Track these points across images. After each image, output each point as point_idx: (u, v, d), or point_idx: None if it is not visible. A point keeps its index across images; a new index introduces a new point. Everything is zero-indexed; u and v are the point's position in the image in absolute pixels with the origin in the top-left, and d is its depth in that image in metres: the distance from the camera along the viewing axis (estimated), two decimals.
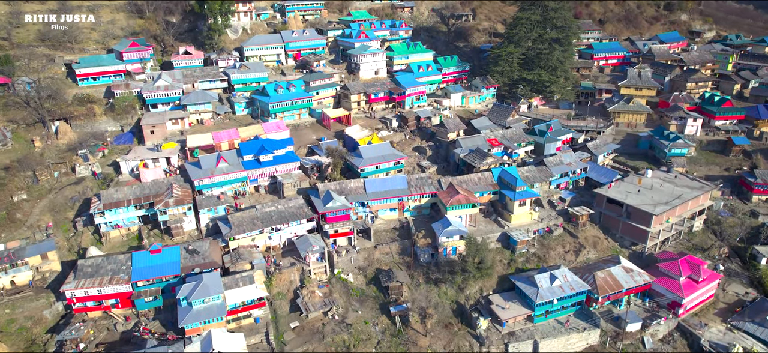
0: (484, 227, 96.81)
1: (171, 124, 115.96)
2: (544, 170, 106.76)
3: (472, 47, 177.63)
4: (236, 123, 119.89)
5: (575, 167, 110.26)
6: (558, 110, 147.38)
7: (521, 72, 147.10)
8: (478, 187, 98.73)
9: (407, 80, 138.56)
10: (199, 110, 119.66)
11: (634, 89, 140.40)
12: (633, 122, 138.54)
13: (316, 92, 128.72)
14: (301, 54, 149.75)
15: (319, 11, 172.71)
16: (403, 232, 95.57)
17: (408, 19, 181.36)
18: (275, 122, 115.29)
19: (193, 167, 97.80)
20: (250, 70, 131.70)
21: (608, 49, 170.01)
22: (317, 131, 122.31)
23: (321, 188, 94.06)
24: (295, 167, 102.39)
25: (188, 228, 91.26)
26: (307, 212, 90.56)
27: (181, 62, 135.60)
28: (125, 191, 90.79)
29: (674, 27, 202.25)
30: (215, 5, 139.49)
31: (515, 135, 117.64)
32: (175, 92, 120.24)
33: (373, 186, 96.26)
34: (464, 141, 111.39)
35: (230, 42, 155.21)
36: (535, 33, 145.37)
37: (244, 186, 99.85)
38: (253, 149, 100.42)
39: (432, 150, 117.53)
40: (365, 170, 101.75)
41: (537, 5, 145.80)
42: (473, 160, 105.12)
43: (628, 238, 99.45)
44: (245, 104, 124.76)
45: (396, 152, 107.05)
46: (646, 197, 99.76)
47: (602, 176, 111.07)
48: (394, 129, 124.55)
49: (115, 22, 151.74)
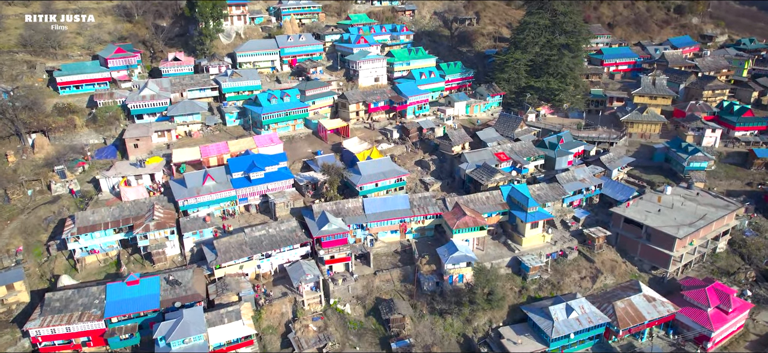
0: (493, 251, 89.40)
1: (157, 136, 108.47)
2: (556, 187, 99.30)
3: (476, 52, 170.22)
4: (227, 135, 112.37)
5: (589, 183, 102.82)
6: (567, 119, 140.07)
7: (528, 79, 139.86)
8: (486, 207, 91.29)
9: (409, 88, 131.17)
10: (187, 122, 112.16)
11: (648, 97, 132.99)
12: (647, 133, 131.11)
13: (312, 101, 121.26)
14: (297, 60, 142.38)
15: (316, 15, 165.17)
16: (405, 257, 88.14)
17: (409, 23, 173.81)
18: (268, 135, 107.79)
19: (178, 186, 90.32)
20: (242, 77, 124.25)
21: (619, 54, 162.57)
22: (313, 143, 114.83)
23: (315, 210, 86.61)
24: (289, 185, 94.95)
25: (171, 253, 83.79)
26: (300, 237, 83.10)
27: (170, 69, 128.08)
28: (102, 213, 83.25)
29: (685, 31, 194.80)
30: (206, 9, 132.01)
31: (524, 148, 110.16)
32: (162, 102, 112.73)
33: (373, 207, 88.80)
34: (470, 155, 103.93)
35: (223, 47, 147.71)
36: (543, 38, 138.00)
37: (233, 206, 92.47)
38: (243, 165, 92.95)
39: (435, 164, 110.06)
40: (364, 188, 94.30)
41: (545, 9, 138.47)
42: (480, 176, 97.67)
43: (648, 262, 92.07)
44: (237, 115, 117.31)
45: (397, 167, 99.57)
46: (668, 218, 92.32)
47: (618, 192, 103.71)
48: (395, 141, 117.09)
49: (102, 26, 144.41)
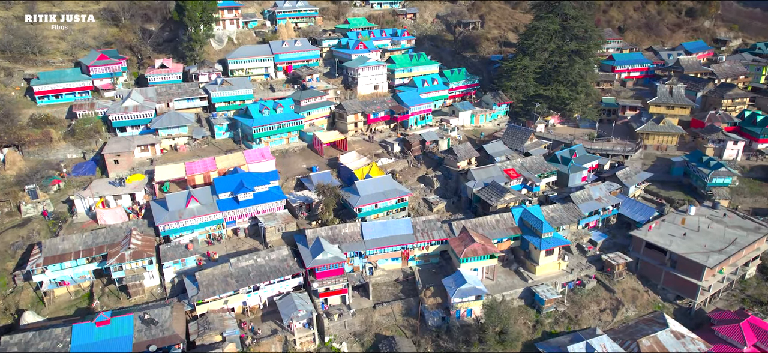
0: (504, 280, 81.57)
1: (140, 151, 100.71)
2: (571, 208, 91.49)
3: (481, 58, 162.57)
4: (215, 149, 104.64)
5: (606, 203, 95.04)
6: (578, 130, 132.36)
7: (537, 87, 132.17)
8: (496, 232, 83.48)
9: (410, 97, 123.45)
10: (173, 135, 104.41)
11: (664, 107, 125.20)
12: (663, 145, 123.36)
13: (308, 112, 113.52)
14: (293, 67, 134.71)
15: (313, 19, 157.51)
16: (407, 287, 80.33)
17: (410, 27, 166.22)
18: (259, 150, 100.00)
19: (159, 208, 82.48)
20: (233, 86, 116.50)
21: (631, 60, 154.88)
22: (308, 157, 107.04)
23: (309, 236, 78.78)
24: (281, 206, 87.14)
25: (150, 284, 76.00)
26: (291, 267, 75.26)
27: (157, 77, 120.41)
28: (73, 240, 75.38)
29: (697, 35, 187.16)
30: (195, 13, 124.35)
31: (535, 164, 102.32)
32: (147, 113, 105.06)
33: (372, 232, 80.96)
34: (477, 172, 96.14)
35: (214, 53, 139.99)
36: (553, 44, 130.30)
37: (220, 229, 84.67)
38: (231, 185, 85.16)
39: (440, 181, 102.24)
40: (363, 210, 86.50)
41: (555, 13, 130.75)
42: (489, 197, 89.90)
43: (673, 290, 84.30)
44: (226, 127, 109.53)
45: (399, 186, 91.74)
46: (694, 243, 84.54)
47: (637, 212, 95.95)
48: (396, 155, 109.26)
49: (86, 31, 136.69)
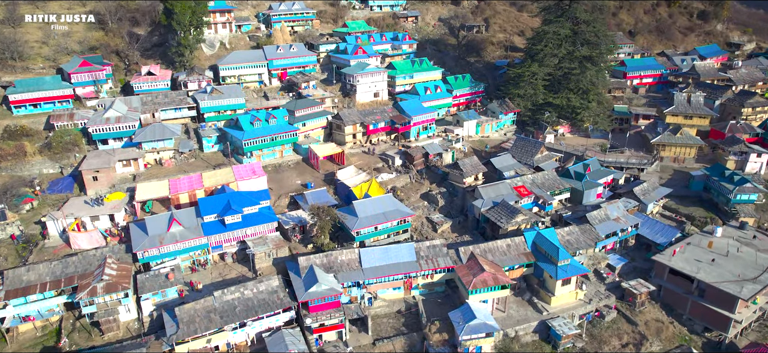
0: (516, 312, 74.32)
1: (121, 166, 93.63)
2: (587, 230, 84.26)
3: (486, 63, 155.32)
4: (203, 164, 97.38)
5: (625, 223, 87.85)
6: (589, 140, 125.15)
7: (546, 95, 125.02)
8: (507, 258, 76.24)
9: (412, 106, 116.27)
10: (158, 148, 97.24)
11: (682, 116, 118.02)
12: (681, 157, 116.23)
13: (303, 122, 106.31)
14: (288, 73, 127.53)
15: (310, 22, 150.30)
16: (410, 319, 73.05)
17: (412, 31, 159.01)
18: (250, 165, 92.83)
19: (138, 231, 75.23)
20: (223, 94, 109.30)
21: (643, 66, 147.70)
22: (303, 172, 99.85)
23: (302, 264, 71.58)
24: (272, 229, 79.88)
25: (127, 318, 68.87)
26: (282, 300, 68.02)
27: (143, 85, 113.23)
28: (40, 270, 68.11)
29: (710, 38, 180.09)
30: (184, 16, 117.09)
31: (547, 180, 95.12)
32: (130, 125, 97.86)
33: (372, 259, 73.71)
34: (485, 190, 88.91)
35: (206, 58, 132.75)
36: (563, 50, 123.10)
37: (205, 255, 77.47)
38: (217, 206, 77.91)
39: (444, 198, 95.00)
40: (361, 233, 79.29)
41: (566, 16, 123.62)
42: (498, 218, 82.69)
43: (700, 321, 77.09)
44: (216, 139, 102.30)
45: (401, 206, 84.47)
46: (724, 270, 77.38)
47: (657, 233, 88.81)
48: (397, 169, 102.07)
49: (71, 35, 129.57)
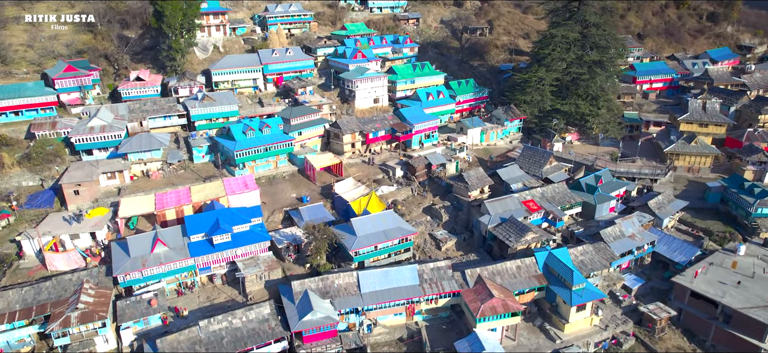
0: (527, 339, 68.85)
1: (106, 178, 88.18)
2: (602, 248, 78.81)
3: (489, 67, 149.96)
4: (193, 176, 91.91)
5: (640, 240, 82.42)
6: (598, 148, 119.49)
7: (554, 101, 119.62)
8: (517, 282, 70.80)
9: (414, 114, 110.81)
10: (145, 159, 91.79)
11: (697, 124, 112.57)
12: (695, 166, 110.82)
13: (299, 132, 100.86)
14: (284, 78, 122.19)
15: (307, 24, 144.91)
16: (413, 347, 67.51)
17: (413, 34, 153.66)
18: (242, 177, 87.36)
19: (120, 252, 69.73)
20: (215, 101, 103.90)
21: (653, 70, 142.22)
22: (298, 184, 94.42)
23: (296, 288, 66.13)
24: (264, 248, 74.40)
25: (105, 349, 63.42)
26: (274, 329, 62.56)
27: (131, 91, 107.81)
28: (9, 297, 62.61)
29: (720, 41, 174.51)
30: (175, 19, 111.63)
31: (558, 194, 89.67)
32: (116, 134, 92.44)
33: (371, 283, 68.27)
34: (492, 205, 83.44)
35: (198, 62, 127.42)
36: (571, 54, 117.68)
37: (193, 276, 72.05)
38: (205, 224, 72.46)
39: (448, 213, 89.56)
40: (360, 254, 73.84)
41: (574, 19, 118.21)
42: (507, 236, 77.23)
43: (725, 350, 71.62)
44: (206, 149, 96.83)
45: (402, 223, 78.92)
46: (751, 294, 71.89)
47: (675, 250, 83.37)
48: (398, 181, 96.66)
49: (58, 38, 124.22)
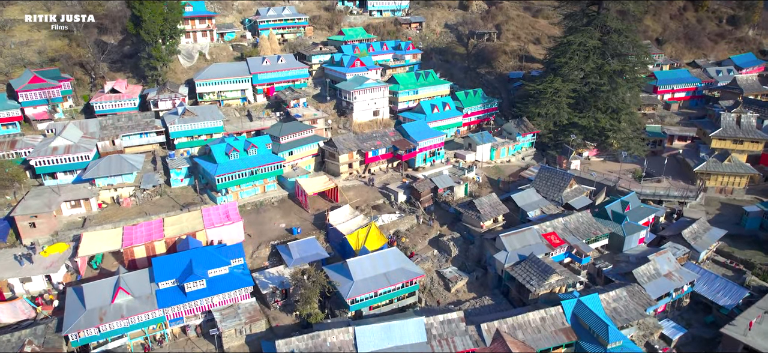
0: None
1: (69, 207, 77.71)
2: (636, 292, 68.33)
3: (498, 75, 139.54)
4: (170, 203, 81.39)
5: (679, 280, 72.03)
6: (618, 164, 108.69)
7: (571, 115, 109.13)
8: (541, 337, 60.38)
9: (418, 129, 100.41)
10: (115, 184, 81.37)
11: (731, 141, 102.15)
12: (728, 187, 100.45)
13: (290, 151, 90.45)
14: (275, 88, 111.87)
15: (302, 29, 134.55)
16: None
17: (415, 39, 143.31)
18: (223, 207, 76.87)
19: (75, 303, 59.27)
20: (197, 116, 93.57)
21: (675, 78, 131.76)
22: (289, 212, 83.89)
23: (281, 350, 55.67)
24: (246, 295, 64.05)
25: None
26: None
27: (105, 104, 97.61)
28: None
29: (742, 46, 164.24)
30: (154, 25, 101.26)
31: (582, 225, 79.12)
32: (84, 155, 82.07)
33: (370, 341, 57.71)
34: (509, 240, 72.91)
35: (182, 71, 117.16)
36: (591, 63, 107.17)
37: (163, 328, 61.65)
38: (176, 268, 62.00)
39: (458, 246, 79.01)
40: (357, 302, 63.44)
41: (594, 25, 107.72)
42: (528, 280, 66.79)
43: None
44: (186, 171, 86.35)
45: (407, 263, 68.41)
46: None
47: (719, 292, 72.85)
48: (401, 207, 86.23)
49: (30, 44, 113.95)
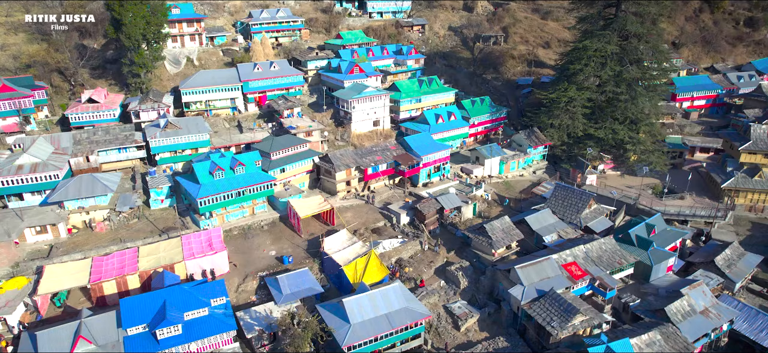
0: None
1: (33, 233, 69.79)
2: (671, 334, 60.27)
3: (505, 80, 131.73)
4: (148, 228, 73.42)
5: (717, 318, 64.03)
6: (636, 179, 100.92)
7: (586, 125, 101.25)
8: None
9: (421, 143, 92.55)
10: (87, 207, 73.40)
11: (762, 155, 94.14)
12: (758, 205, 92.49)
13: (281, 168, 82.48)
14: (268, 97, 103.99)
15: (298, 32, 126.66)
16: None
17: (418, 42, 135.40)
18: (206, 233, 68.82)
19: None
20: (181, 129, 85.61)
21: (695, 85, 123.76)
22: (280, 237, 75.83)
23: None
24: (228, 340, 56.08)
25: None
26: None
27: (82, 115, 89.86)
28: None
29: (761, 49, 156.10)
30: (135, 29, 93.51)
31: (605, 252, 71.03)
32: (52, 174, 74.23)
33: None
34: (526, 272, 64.82)
35: (169, 78, 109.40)
36: (608, 70, 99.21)
37: None
38: (147, 311, 53.97)
39: (467, 276, 71.03)
40: (356, 350, 55.43)
41: (611, 29, 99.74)
42: (548, 320, 58.77)
43: None
44: (167, 191, 78.35)
45: (411, 302, 60.39)
46: None
47: (762, 330, 64.88)
48: (404, 231, 78.21)
49: (5, 48, 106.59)
